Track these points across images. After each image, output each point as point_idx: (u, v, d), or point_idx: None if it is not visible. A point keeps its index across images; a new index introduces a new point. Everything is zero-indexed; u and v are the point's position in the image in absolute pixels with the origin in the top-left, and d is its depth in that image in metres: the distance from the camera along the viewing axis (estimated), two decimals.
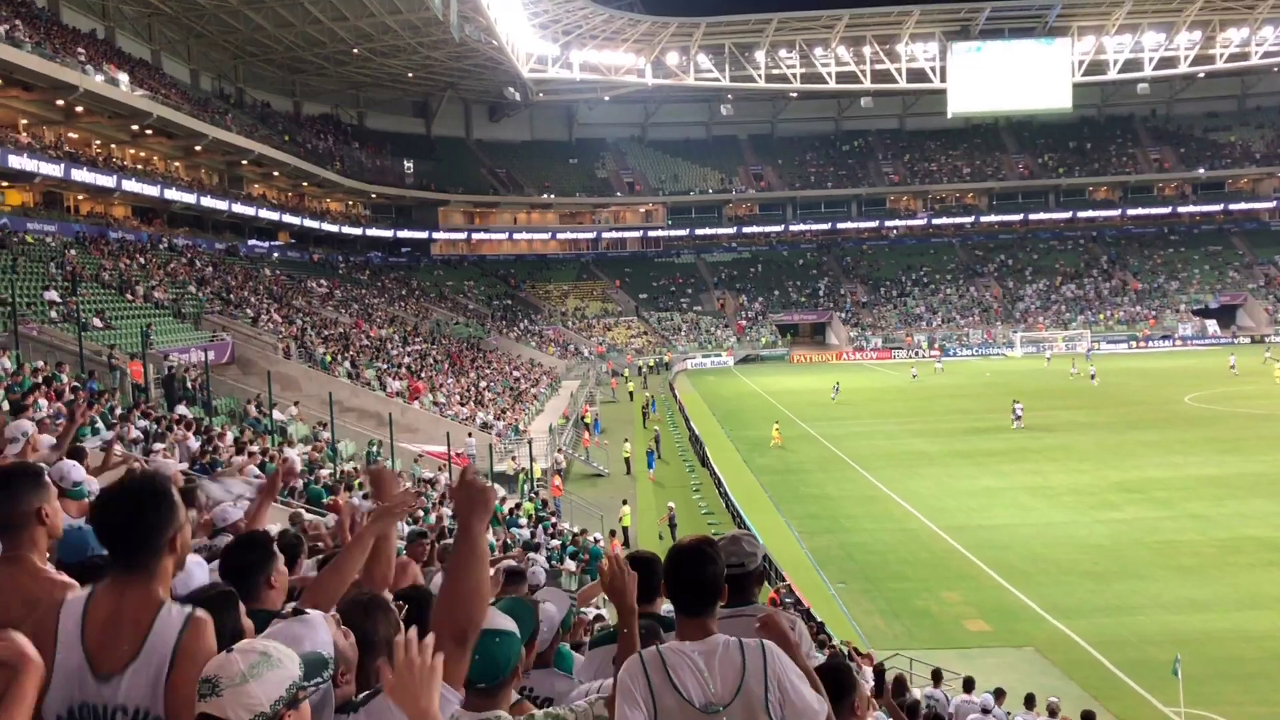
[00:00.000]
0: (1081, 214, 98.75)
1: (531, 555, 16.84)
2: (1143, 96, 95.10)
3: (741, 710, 3.12)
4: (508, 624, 3.00)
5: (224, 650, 2.24)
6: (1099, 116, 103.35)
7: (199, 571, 4.04)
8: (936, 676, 14.68)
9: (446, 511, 23.28)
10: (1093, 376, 59.65)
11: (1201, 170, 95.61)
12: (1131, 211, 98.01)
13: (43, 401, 17.42)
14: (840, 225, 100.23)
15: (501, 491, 32.75)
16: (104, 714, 2.66)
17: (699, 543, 3.39)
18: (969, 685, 14.94)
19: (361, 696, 2.54)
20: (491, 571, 3.63)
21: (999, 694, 14.54)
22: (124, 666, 2.66)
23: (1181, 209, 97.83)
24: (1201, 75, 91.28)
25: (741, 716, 3.12)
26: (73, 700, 2.67)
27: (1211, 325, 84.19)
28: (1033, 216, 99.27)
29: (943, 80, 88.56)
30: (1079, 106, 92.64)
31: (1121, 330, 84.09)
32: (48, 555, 3.39)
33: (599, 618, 8.20)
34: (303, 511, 10.39)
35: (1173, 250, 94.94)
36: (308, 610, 3.02)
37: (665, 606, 4.66)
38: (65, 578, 3.23)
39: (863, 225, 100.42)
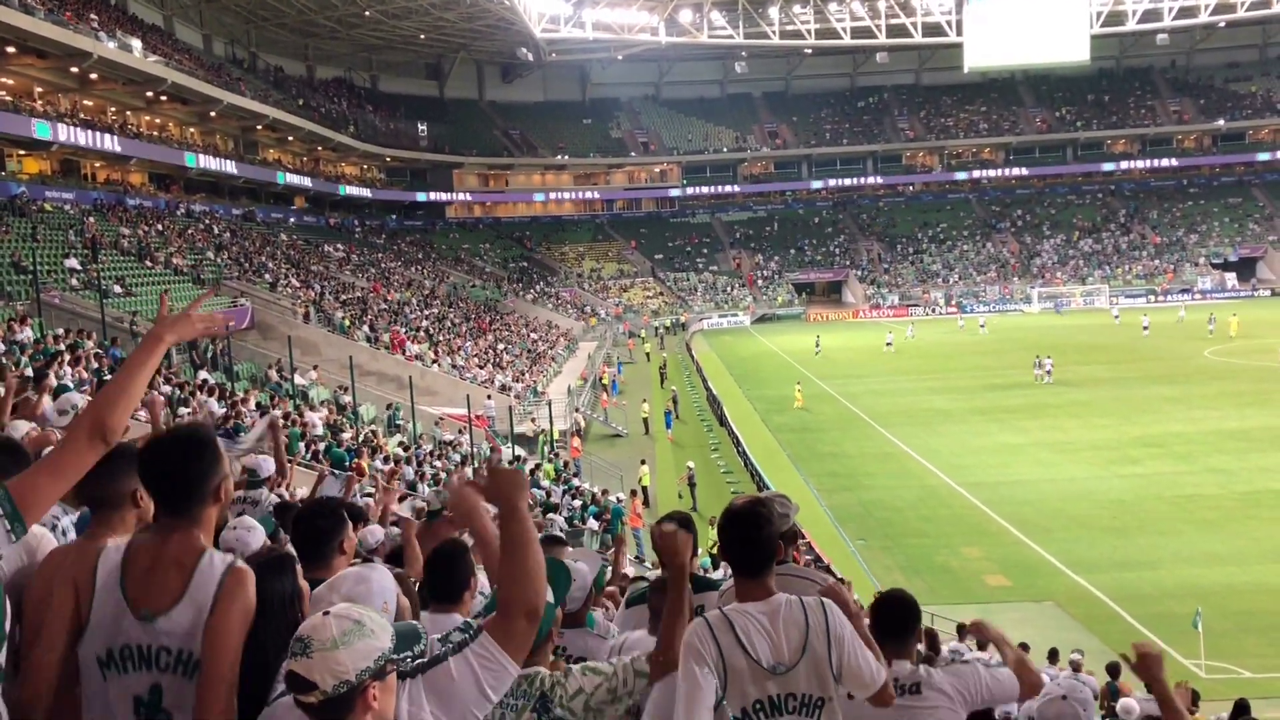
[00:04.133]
0: (1099, 167, 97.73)
1: (550, 516, 17.02)
2: (1162, 47, 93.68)
3: (808, 668, 3.18)
4: None
5: (322, 612, 2.25)
6: (1117, 69, 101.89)
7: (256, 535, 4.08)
8: (961, 631, 14.77)
9: (468, 473, 23.48)
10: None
11: (1221, 121, 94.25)
12: (1150, 164, 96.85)
13: (66, 369, 17.58)
14: (856, 182, 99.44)
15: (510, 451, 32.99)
16: (147, 653, 2.76)
17: (752, 504, 3.38)
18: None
19: (423, 662, 2.58)
20: None
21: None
22: (167, 608, 2.76)
23: (1201, 161, 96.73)
24: (1222, 25, 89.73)
25: (807, 674, 3.18)
26: (113, 642, 2.76)
27: (1231, 279, 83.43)
28: (1050, 171, 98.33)
29: (959, 33, 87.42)
30: (1097, 58, 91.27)
31: (1140, 284, 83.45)
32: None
33: (640, 577, 8.30)
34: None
35: (1192, 203, 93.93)
36: (375, 559, 3.10)
37: (699, 564, 4.73)
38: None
39: (879, 182, 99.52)
